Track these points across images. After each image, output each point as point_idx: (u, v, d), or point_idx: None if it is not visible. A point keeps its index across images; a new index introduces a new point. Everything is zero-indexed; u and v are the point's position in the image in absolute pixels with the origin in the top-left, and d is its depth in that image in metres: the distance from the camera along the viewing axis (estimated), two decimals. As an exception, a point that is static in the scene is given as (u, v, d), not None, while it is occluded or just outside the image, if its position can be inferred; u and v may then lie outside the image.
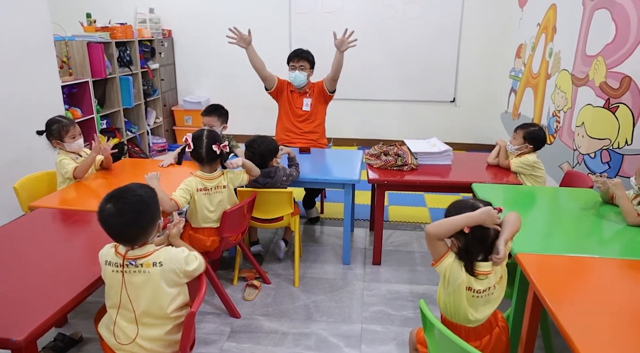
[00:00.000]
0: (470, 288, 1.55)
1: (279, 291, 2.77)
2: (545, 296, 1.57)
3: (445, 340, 1.45)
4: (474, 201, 1.63)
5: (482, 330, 1.61)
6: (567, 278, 1.72)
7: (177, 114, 6.02)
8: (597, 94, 3.21)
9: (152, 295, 1.57)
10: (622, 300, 1.60)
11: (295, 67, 3.67)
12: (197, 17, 5.81)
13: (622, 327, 1.43)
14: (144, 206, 1.57)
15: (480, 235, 1.54)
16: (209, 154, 2.36)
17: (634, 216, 2.11)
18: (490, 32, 5.45)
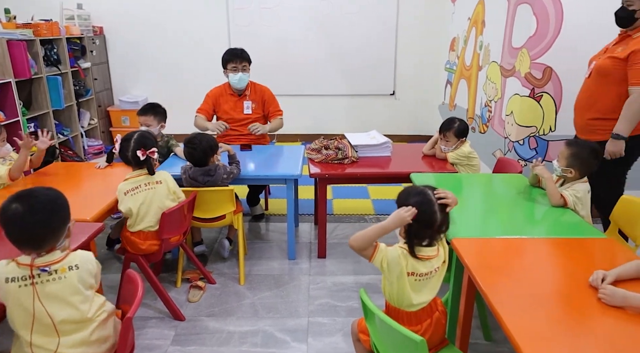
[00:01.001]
0: (413, 273, 1.59)
1: (224, 291, 2.74)
2: (478, 279, 1.64)
3: (386, 327, 1.49)
4: (422, 187, 1.65)
5: (422, 315, 1.66)
6: (499, 259, 1.80)
7: (114, 114, 5.78)
8: (523, 84, 3.38)
9: (71, 301, 1.49)
10: (548, 276, 1.71)
11: (238, 68, 3.50)
12: (131, 13, 5.59)
13: (548, 303, 1.52)
14: (56, 206, 1.49)
15: (426, 220, 1.57)
16: (135, 159, 2.32)
17: (558, 198, 2.25)
18: (426, 26, 5.61)
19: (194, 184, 2.69)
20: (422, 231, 1.59)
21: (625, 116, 2.50)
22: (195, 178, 2.68)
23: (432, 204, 1.58)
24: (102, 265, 2.94)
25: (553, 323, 1.41)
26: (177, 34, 5.68)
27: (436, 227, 1.60)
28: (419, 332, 1.61)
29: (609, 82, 2.59)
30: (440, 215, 1.59)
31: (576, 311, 1.47)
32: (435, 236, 1.63)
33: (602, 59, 2.63)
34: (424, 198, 1.59)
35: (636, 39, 2.51)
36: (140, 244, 2.40)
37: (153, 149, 2.36)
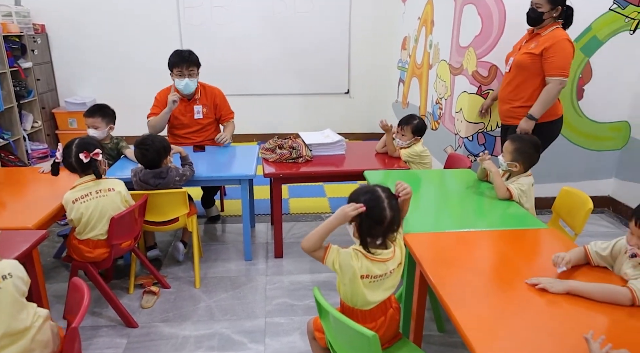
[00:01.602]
0: (368, 275, 1.58)
1: (179, 295, 2.68)
2: (429, 273, 1.69)
3: (339, 324, 1.51)
4: (372, 185, 1.65)
5: (377, 312, 1.66)
6: (449, 253, 1.86)
7: (59, 116, 5.53)
8: (470, 82, 3.49)
9: (10, 311, 1.42)
10: (494, 267, 1.78)
11: (184, 74, 3.29)
12: (75, 11, 5.35)
13: (494, 292, 1.59)
14: None
15: (376, 217, 1.56)
16: (79, 164, 2.25)
17: (504, 191, 2.34)
18: (378, 26, 5.69)
19: (144, 187, 2.62)
20: (374, 228, 1.58)
21: (540, 101, 2.86)
22: (147, 181, 2.61)
23: (381, 200, 1.58)
24: (49, 274, 2.84)
25: (499, 312, 1.47)
26: (125, 33, 5.49)
27: (387, 224, 1.58)
28: (373, 329, 1.60)
29: (526, 75, 2.92)
30: (390, 212, 1.58)
31: (520, 299, 1.54)
32: (387, 234, 1.61)
33: (520, 55, 2.94)
34: (372, 195, 1.59)
35: (545, 37, 2.84)
36: (89, 252, 2.31)
37: (97, 151, 2.28)
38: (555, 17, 2.84)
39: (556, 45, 2.77)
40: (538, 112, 2.87)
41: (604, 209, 3.89)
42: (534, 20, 2.88)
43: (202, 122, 3.49)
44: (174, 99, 3.26)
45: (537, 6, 2.82)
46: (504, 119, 3.17)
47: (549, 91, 2.83)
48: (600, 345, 1.21)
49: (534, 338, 1.35)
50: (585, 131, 3.69)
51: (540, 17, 2.84)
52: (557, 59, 2.78)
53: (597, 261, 1.69)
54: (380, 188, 1.64)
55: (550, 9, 2.80)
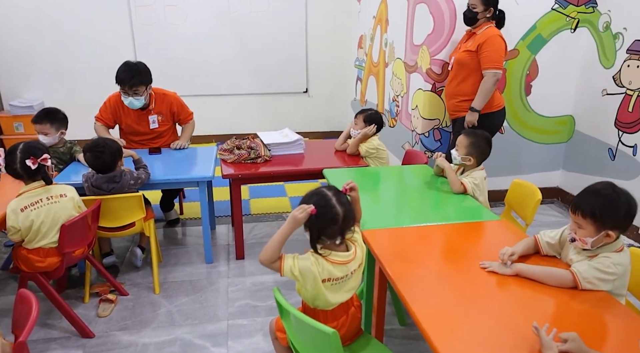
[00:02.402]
0: (329, 279, 1.57)
1: (138, 302, 2.61)
2: (387, 269, 1.72)
3: (300, 323, 1.51)
4: (318, 188, 1.65)
5: (339, 312, 1.67)
6: (407, 247, 1.90)
7: (4, 121, 5.26)
8: (425, 80, 3.57)
9: None
10: (450, 259, 1.83)
11: (128, 93, 3.11)
12: (19, 9, 5.09)
13: (450, 284, 1.63)
14: None
15: (329, 216, 1.55)
16: (26, 170, 2.14)
17: (458, 185, 2.41)
18: (334, 25, 5.72)
19: (97, 192, 2.53)
20: (329, 228, 1.56)
21: (479, 93, 3.06)
22: (99, 186, 2.52)
23: (329, 199, 1.58)
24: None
25: (454, 304, 1.52)
26: (74, 32, 5.27)
27: (340, 221, 1.56)
28: (335, 328, 1.57)
29: (467, 72, 3.13)
30: (340, 208, 1.57)
31: (474, 289, 1.59)
32: (345, 232, 1.60)
33: (459, 53, 3.18)
34: (319, 196, 1.59)
35: (479, 34, 3.06)
36: (40, 262, 2.22)
37: (45, 157, 2.18)
38: (488, 18, 3.07)
39: (489, 40, 2.99)
40: (479, 104, 3.08)
41: (553, 199, 4.06)
42: (469, 20, 3.11)
43: (159, 130, 3.36)
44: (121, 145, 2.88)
45: (472, 7, 3.06)
46: (451, 114, 3.40)
47: (485, 83, 3.04)
48: (547, 331, 1.26)
49: (488, 326, 1.40)
50: (533, 125, 3.85)
51: (475, 17, 3.08)
52: (490, 53, 2.99)
53: (546, 250, 1.76)
54: (326, 187, 1.64)
55: (484, 9, 3.04)
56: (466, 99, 3.15)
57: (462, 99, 3.19)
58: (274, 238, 1.58)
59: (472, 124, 3.12)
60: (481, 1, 3.02)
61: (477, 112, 3.09)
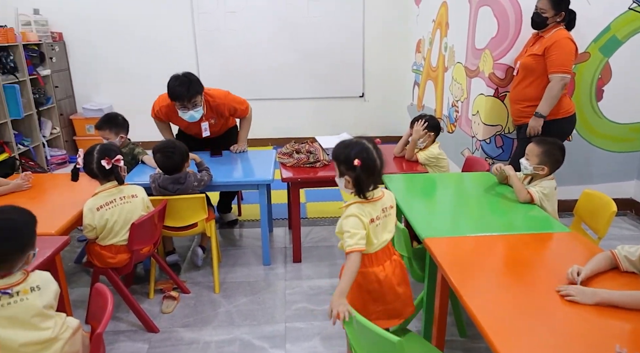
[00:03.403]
0: (372, 219, 1.75)
1: (199, 300, 2.69)
2: (451, 277, 1.68)
3: (365, 330, 1.50)
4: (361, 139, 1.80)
5: (382, 256, 1.82)
6: (470, 257, 1.84)
7: (77, 123, 5.61)
8: (487, 84, 3.47)
9: (32, 322, 1.43)
10: (517, 272, 1.75)
11: (188, 107, 3.02)
12: (91, 18, 5.43)
13: (518, 297, 1.56)
14: (14, 232, 1.42)
15: (370, 168, 1.73)
16: (101, 170, 2.26)
17: (525, 194, 2.31)
18: (392, 29, 5.68)
19: (163, 193, 2.64)
20: (370, 177, 1.74)
21: (545, 98, 2.93)
22: (165, 187, 2.63)
23: (371, 152, 1.74)
24: (70, 279, 2.87)
25: (523, 317, 1.45)
26: (140, 39, 5.56)
27: (378, 171, 1.76)
28: (382, 272, 1.80)
29: (533, 76, 3.01)
30: (379, 161, 1.75)
31: (542, 302, 1.52)
32: (377, 179, 1.79)
33: (525, 58, 3.06)
34: (362, 147, 1.74)
35: (547, 38, 2.94)
36: (111, 258, 2.34)
37: (118, 158, 2.30)
38: (558, 21, 2.93)
39: (557, 43, 2.87)
40: (543, 109, 2.95)
41: (626, 211, 3.82)
42: (538, 24, 2.99)
43: (211, 131, 3.31)
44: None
45: (541, 11, 2.93)
46: (516, 120, 3.25)
47: (552, 88, 2.91)
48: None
49: (557, 341, 1.33)
50: (605, 133, 3.64)
51: (544, 22, 2.95)
52: (557, 56, 2.86)
53: (626, 266, 1.65)
54: (365, 138, 1.80)
55: (555, 14, 2.90)
56: (532, 105, 3.02)
57: (528, 105, 3.06)
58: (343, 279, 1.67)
59: (536, 130, 2.99)
60: (552, 5, 2.88)
61: (541, 118, 2.96)
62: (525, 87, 3.06)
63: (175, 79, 3.01)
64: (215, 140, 3.44)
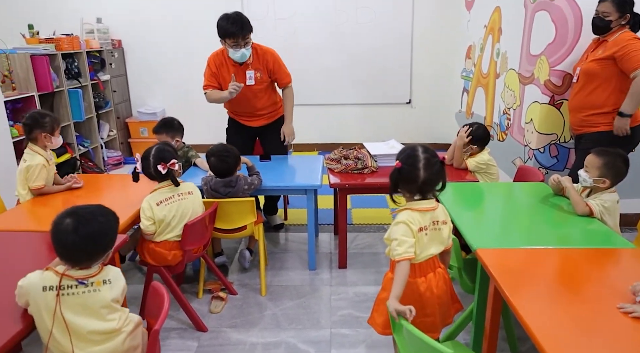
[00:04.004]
0: (422, 228, 1.75)
1: (246, 302, 2.74)
2: (504, 288, 1.63)
3: (415, 340, 1.48)
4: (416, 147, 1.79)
5: (426, 268, 1.81)
6: (524, 269, 1.78)
7: (132, 126, 5.86)
8: (542, 92, 3.35)
9: (101, 313, 1.52)
10: (575, 287, 1.68)
11: (240, 44, 3.09)
12: (148, 26, 5.68)
13: (579, 313, 1.50)
14: (100, 236, 1.54)
15: (408, 176, 1.75)
16: (158, 173, 2.36)
17: (583, 206, 2.22)
18: (441, 35, 5.61)
19: (215, 195, 2.71)
20: (408, 185, 1.76)
21: (630, 96, 2.75)
22: (217, 189, 2.70)
23: (418, 160, 1.73)
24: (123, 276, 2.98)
25: (583, 335, 1.39)
26: (192, 46, 5.73)
27: (420, 183, 1.74)
28: (424, 284, 1.79)
29: (596, 82, 2.87)
30: (424, 172, 1.72)
31: (607, 322, 1.44)
32: (425, 193, 1.78)
33: (587, 63, 2.92)
34: (410, 154, 1.76)
35: (612, 41, 2.80)
36: (166, 254, 2.42)
37: (173, 161, 2.39)
38: (623, 24, 2.79)
39: (629, 43, 2.71)
40: (630, 108, 2.77)
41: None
42: (600, 29, 2.85)
43: (254, 89, 3.31)
44: (232, 90, 3.09)
45: (604, 15, 2.79)
46: (576, 129, 3.09)
47: (636, 85, 2.70)
48: None
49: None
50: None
51: (607, 26, 2.81)
52: (635, 53, 2.68)
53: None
54: (423, 147, 1.78)
55: (619, 16, 2.76)
56: (597, 112, 2.88)
57: (591, 113, 2.92)
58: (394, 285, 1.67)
59: (624, 130, 2.82)
60: (616, 8, 2.75)
61: (627, 117, 2.79)
62: (588, 94, 2.92)
63: (227, 17, 3.08)
64: (264, 133, 3.52)
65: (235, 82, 3.12)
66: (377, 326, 1.86)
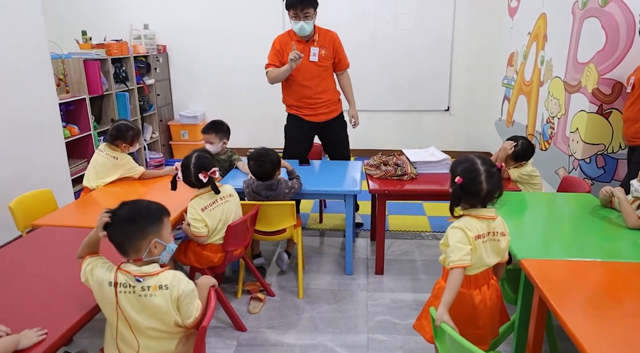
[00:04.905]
0: (480, 236, 1.72)
1: (284, 304, 2.78)
2: (550, 299, 1.60)
3: (456, 346, 1.47)
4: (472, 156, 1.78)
5: (480, 279, 1.78)
6: (570, 281, 1.74)
7: (174, 128, 6.03)
8: (590, 100, 3.27)
9: (159, 316, 1.56)
10: (627, 302, 1.63)
11: (299, 16, 3.21)
12: (191, 32, 5.85)
13: (629, 329, 1.45)
14: (137, 215, 1.57)
15: (472, 189, 1.72)
16: (199, 182, 2.39)
17: (635, 219, 2.15)
18: (482, 42, 5.54)
19: (256, 198, 2.76)
20: (471, 198, 1.73)
21: None
22: (259, 192, 2.75)
23: (479, 173, 1.70)
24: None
25: (632, 347, 1.35)
26: (233, 52, 5.88)
27: (483, 195, 1.71)
28: (478, 296, 1.77)
29: None
30: (487, 184, 1.70)
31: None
32: (486, 203, 1.75)
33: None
34: (469, 165, 1.73)
35: None
36: (212, 257, 2.47)
37: (214, 170, 2.40)
38: None
39: None
40: None
41: None
42: None
43: (318, 68, 3.40)
44: (293, 57, 3.16)
45: None
46: (630, 140, 2.96)
47: None
48: None
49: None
50: None
51: None
52: None
53: None
54: (480, 158, 1.75)
55: None
56: None
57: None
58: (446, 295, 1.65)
59: None
60: None
61: None
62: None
63: None
64: (325, 129, 3.60)
65: (295, 51, 3.20)
66: (426, 333, 1.84)
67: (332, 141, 3.67)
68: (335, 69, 3.58)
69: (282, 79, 3.43)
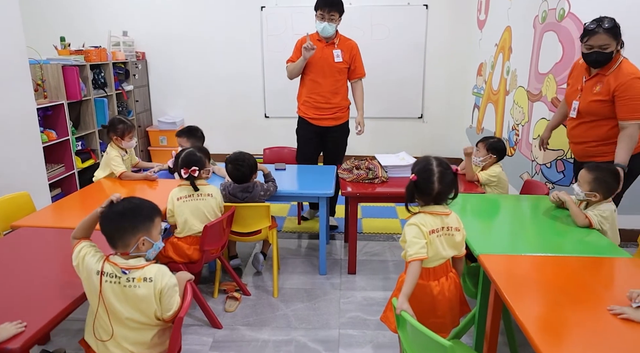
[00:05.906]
0: (434, 230, 1.85)
1: (259, 302, 2.87)
2: (504, 292, 1.74)
3: (418, 335, 1.59)
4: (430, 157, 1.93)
5: (439, 271, 1.92)
6: (524, 275, 1.88)
7: (152, 134, 6.08)
8: (549, 109, 3.47)
9: (140, 307, 1.64)
10: (573, 293, 1.78)
11: (325, 17, 3.44)
12: (171, 39, 5.93)
13: (574, 317, 1.60)
14: (130, 213, 1.66)
15: (423, 188, 1.87)
16: (180, 175, 2.59)
17: (582, 219, 2.32)
18: (453, 52, 5.76)
19: (232, 200, 2.86)
20: (423, 196, 1.88)
21: (624, 148, 2.57)
22: (235, 194, 2.85)
23: (432, 173, 1.84)
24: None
25: (579, 336, 1.48)
26: (211, 59, 5.98)
27: (434, 195, 1.85)
28: (437, 287, 1.90)
29: (598, 120, 2.70)
30: (439, 185, 1.84)
31: (603, 325, 1.54)
32: (439, 202, 1.89)
33: (586, 103, 2.71)
34: (424, 166, 1.88)
35: (613, 75, 2.58)
36: (187, 249, 2.58)
37: (194, 168, 2.57)
38: (618, 50, 2.58)
39: (628, 86, 2.51)
40: (623, 159, 2.57)
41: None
42: (602, 63, 2.59)
43: (339, 68, 3.60)
44: (306, 46, 3.39)
45: (604, 48, 2.53)
46: (579, 157, 2.94)
47: (632, 137, 2.56)
48: None
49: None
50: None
51: (609, 57, 2.56)
52: (632, 102, 2.52)
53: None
54: (437, 160, 1.89)
55: (617, 43, 2.54)
56: (599, 144, 2.73)
57: (593, 145, 2.77)
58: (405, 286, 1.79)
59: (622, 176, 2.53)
60: (613, 37, 2.50)
61: (624, 168, 2.53)
62: (589, 128, 2.76)
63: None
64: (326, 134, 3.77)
65: (309, 41, 3.41)
66: (391, 324, 1.96)
67: (332, 146, 3.86)
68: (350, 77, 3.78)
69: (298, 71, 3.63)
